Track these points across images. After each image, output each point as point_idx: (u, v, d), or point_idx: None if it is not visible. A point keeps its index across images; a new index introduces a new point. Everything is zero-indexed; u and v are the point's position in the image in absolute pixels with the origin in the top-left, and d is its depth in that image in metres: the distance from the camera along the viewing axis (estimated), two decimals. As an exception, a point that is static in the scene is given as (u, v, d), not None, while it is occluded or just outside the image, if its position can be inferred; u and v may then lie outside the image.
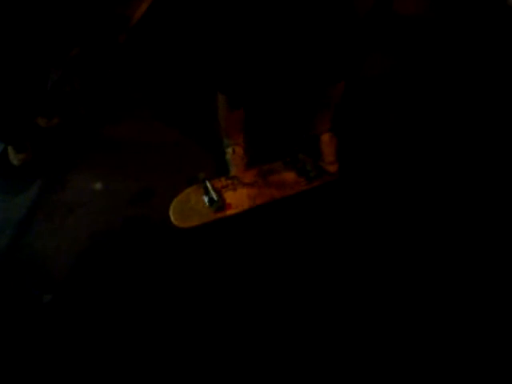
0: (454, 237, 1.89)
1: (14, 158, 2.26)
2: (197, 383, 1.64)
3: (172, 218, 1.93)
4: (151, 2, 3.04)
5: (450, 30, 2.58)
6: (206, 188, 1.95)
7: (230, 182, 2.03)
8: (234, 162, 2.08)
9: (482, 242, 1.85)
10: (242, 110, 1.95)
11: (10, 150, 2.27)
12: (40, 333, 1.77)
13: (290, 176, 2.05)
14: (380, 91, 2.38)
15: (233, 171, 2.09)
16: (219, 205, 1.92)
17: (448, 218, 1.95)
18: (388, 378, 1.58)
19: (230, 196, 1.99)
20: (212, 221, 1.95)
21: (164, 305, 1.81)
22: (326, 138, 2.07)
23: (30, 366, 1.70)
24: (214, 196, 1.92)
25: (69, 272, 1.93)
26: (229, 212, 1.97)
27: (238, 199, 1.98)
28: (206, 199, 1.95)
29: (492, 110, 2.26)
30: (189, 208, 1.96)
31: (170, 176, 2.19)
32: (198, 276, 1.88)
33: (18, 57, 2.01)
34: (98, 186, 2.18)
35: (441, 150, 2.16)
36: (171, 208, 1.96)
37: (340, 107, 2.06)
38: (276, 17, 1.49)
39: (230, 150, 2.10)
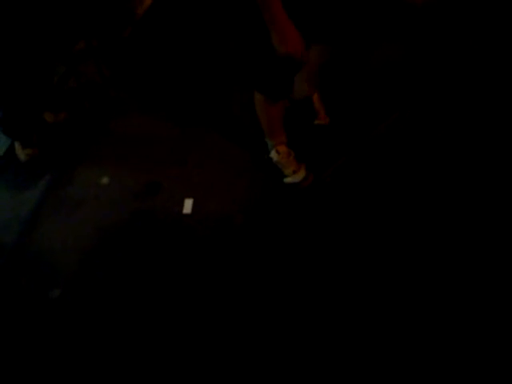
0: (454, 235, 1.84)
1: (21, 154, 2.26)
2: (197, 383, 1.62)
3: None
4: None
5: (458, 19, 2.51)
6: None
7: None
8: (283, 162, 2.03)
9: (482, 241, 1.80)
10: (282, 106, 1.90)
11: (17, 145, 2.27)
12: (47, 328, 1.77)
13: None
14: (386, 81, 2.33)
15: (286, 171, 2.04)
16: None
17: (448, 216, 1.90)
18: (388, 378, 1.55)
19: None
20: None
21: (171, 300, 1.79)
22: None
23: (36, 361, 1.70)
24: None
25: (76, 267, 1.92)
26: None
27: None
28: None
29: (500, 103, 2.20)
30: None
31: (177, 169, 2.17)
32: (205, 270, 1.86)
33: (24, 52, 2.00)
34: (105, 180, 2.17)
35: (448, 142, 2.10)
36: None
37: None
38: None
39: (274, 153, 2.03)
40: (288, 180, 2.05)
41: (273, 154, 2.04)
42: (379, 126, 2.16)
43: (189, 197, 2.07)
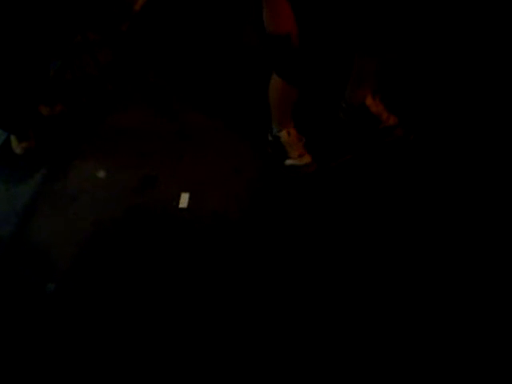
0: (454, 234, 1.84)
1: (17, 147, 2.26)
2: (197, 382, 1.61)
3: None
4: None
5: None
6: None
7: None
8: (292, 143, 2.01)
9: (481, 241, 1.80)
10: (296, 92, 1.86)
11: (12, 138, 2.26)
12: (43, 322, 1.77)
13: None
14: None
15: (291, 153, 2.03)
16: None
17: (449, 215, 1.90)
18: (388, 378, 1.55)
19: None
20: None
21: (167, 294, 1.79)
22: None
23: (31, 354, 1.69)
24: None
25: (72, 261, 1.92)
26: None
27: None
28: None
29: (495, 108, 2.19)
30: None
31: (174, 164, 2.17)
32: (201, 265, 1.86)
33: (20, 45, 1.99)
34: (102, 174, 2.17)
35: (451, 148, 2.10)
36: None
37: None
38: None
39: (284, 133, 2.01)
40: (290, 162, 2.03)
41: (282, 134, 2.01)
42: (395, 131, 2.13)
43: (185, 191, 2.06)
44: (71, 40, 2.56)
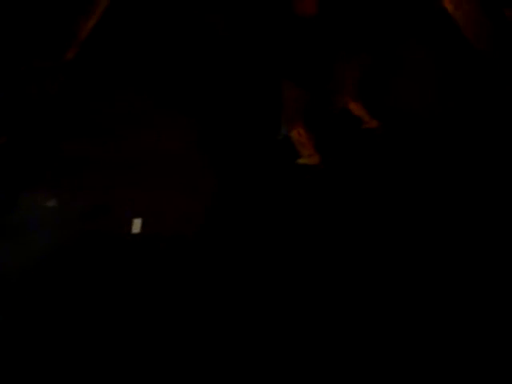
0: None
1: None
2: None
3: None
4: (100, 18, 3.05)
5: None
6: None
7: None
8: (301, 142, 2.18)
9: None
10: (305, 93, 2.05)
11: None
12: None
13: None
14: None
15: (302, 151, 2.18)
16: None
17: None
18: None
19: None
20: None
21: (121, 322, 1.77)
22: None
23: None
24: None
25: (23, 290, 1.89)
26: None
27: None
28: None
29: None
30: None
31: (126, 191, 2.20)
32: (154, 288, 1.88)
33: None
34: (52, 202, 2.16)
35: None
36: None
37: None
38: None
39: (294, 134, 2.18)
40: (303, 161, 2.19)
41: (293, 134, 2.19)
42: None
43: (138, 216, 2.09)
44: (16, 69, 2.56)
